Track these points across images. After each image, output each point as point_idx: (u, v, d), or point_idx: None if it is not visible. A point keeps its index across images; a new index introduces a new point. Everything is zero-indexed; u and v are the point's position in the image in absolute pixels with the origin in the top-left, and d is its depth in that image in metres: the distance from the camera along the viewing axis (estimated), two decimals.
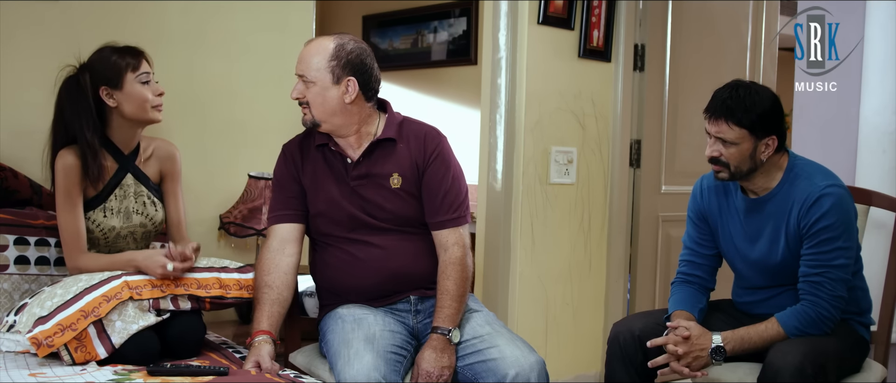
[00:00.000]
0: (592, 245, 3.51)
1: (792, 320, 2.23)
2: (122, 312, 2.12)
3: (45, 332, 2.03)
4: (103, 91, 2.32)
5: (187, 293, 2.23)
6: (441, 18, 5.22)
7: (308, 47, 2.26)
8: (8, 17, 2.59)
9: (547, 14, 3.26)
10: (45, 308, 2.09)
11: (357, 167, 2.30)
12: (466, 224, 2.34)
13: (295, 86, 2.26)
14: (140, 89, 2.32)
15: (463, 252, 2.28)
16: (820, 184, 2.23)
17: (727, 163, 2.26)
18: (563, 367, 3.43)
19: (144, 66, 2.34)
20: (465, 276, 2.26)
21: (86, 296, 2.10)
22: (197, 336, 2.28)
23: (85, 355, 2.07)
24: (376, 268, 2.28)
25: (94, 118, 2.31)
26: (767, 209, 2.31)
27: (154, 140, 2.49)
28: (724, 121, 2.22)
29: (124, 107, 2.33)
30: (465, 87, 5.00)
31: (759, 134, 2.22)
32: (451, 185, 2.31)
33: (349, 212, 2.29)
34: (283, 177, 2.37)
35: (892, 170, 2.73)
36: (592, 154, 3.48)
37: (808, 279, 2.23)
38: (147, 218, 2.42)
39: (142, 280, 2.18)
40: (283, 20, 3.16)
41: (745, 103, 2.20)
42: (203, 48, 2.97)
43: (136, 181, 2.41)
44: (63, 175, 2.29)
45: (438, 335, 2.19)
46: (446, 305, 2.21)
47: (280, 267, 2.28)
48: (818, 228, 2.21)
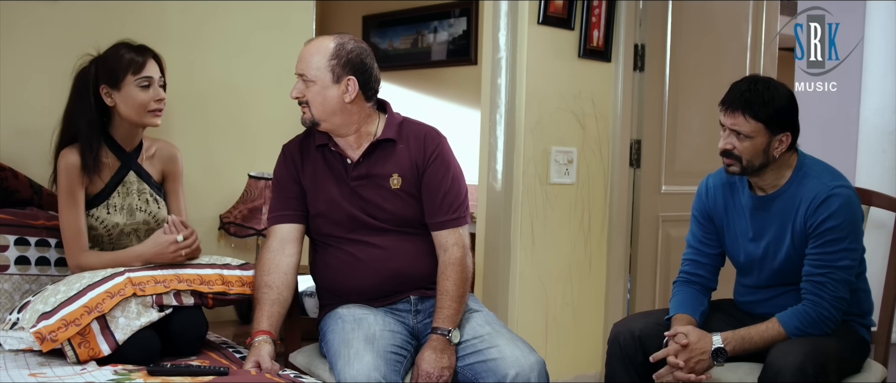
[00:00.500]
0: (592, 245, 3.51)
1: (793, 320, 2.23)
2: (125, 308, 2.13)
3: (48, 327, 2.03)
4: (103, 89, 2.33)
5: (190, 288, 2.24)
6: (441, 18, 5.22)
7: (308, 46, 2.26)
8: (8, 17, 2.59)
9: (547, 14, 3.26)
10: (49, 304, 2.10)
11: (357, 167, 2.30)
12: (466, 224, 2.34)
13: (295, 85, 2.26)
14: (137, 93, 2.32)
15: (462, 252, 2.28)
16: (829, 183, 2.23)
17: (739, 157, 2.26)
18: (563, 367, 3.43)
19: (149, 69, 2.34)
20: (464, 277, 2.26)
21: (89, 293, 2.10)
22: (199, 331, 2.29)
23: (88, 351, 2.08)
24: (376, 268, 2.28)
25: (93, 113, 2.32)
26: (774, 207, 2.31)
27: (156, 141, 2.50)
28: (741, 114, 2.22)
29: (120, 109, 2.34)
30: (465, 87, 5.00)
31: (775, 129, 2.22)
32: (450, 186, 2.31)
33: (349, 213, 2.29)
34: (282, 177, 2.37)
35: (892, 170, 2.73)
36: (592, 154, 3.48)
37: (812, 279, 2.23)
38: (150, 215, 2.42)
39: (145, 276, 2.19)
40: (283, 20, 3.16)
41: (763, 97, 2.20)
42: (203, 47, 2.97)
43: (138, 179, 2.41)
44: (65, 174, 2.30)
45: (438, 335, 2.19)
46: (446, 306, 2.21)
47: (280, 267, 2.28)
48: (825, 228, 2.20)
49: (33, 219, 2.47)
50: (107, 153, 2.37)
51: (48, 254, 2.45)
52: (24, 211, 2.49)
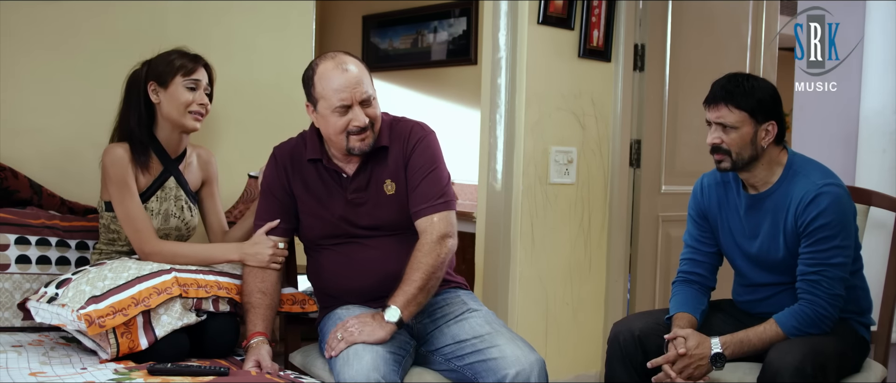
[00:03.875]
0: (592, 245, 3.51)
1: (790, 320, 2.23)
2: (169, 307, 2.16)
3: (98, 312, 2.05)
4: (151, 85, 2.38)
5: (228, 296, 2.27)
6: (441, 18, 5.22)
7: (350, 71, 2.19)
8: (8, 17, 2.59)
9: (547, 14, 3.26)
10: (98, 288, 2.11)
11: (354, 180, 2.30)
12: (448, 211, 2.27)
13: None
14: (183, 92, 2.37)
15: (433, 238, 2.21)
16: (818, 181, 2.23)
17: (729, 151, 2.27)
18: (563, 367, 3.43)
19: (198, 74, 2.39)
20: (430, 262, 2.18)
21: (137, 285, 2.13)
22: (232, 339, 2.31)
23: (129, 343, 2.11)
24: (371, 269, 2.28)
25: (141, 111, 2.38)
26: (766, 205, 2.32)
27: (197, 148, 2.56)
28: (724, 105, 2.24)
29: (164, 107, 2.38)
30: (465, 87, 4.99)
31: (759, 118, 2.24)
32: (429, 174, 2.27)
33: (345, 223, 2.29)
34: (272, 184, 2.37)
35: (892, 170, 2.73)
36: (592, 154, 3.48)
37: (806, 278, 2.24)
38: (183, 222, 2.46)
39: (190, 278, 2.22)
40: (283, 20, 3.16)
41: (744, 87, 2.24)
42: (203, 48, 2.95)
43: (177, 185, 2.45)
44: (114, 167, 2.33)
45: (378, 313, 2.14)
46: (399, 286, 2.16)
47: (270, 276, 2.32)
48: (815, 227, 2.21)
49: (34, 219, 2.47)
50: (151, 155, 2.39)
51: (49, 253, 2.45)
52: (25, 210, 2.50)
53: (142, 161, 2.36)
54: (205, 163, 2.57)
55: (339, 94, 2.18)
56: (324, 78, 2.20)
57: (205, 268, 2.31)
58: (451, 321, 2.25)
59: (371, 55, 5.59)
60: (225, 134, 3.04)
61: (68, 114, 2.72)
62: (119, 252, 2.43)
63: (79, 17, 2.70)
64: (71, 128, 2.73)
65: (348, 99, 2.18)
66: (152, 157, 2.40)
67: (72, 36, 2.64)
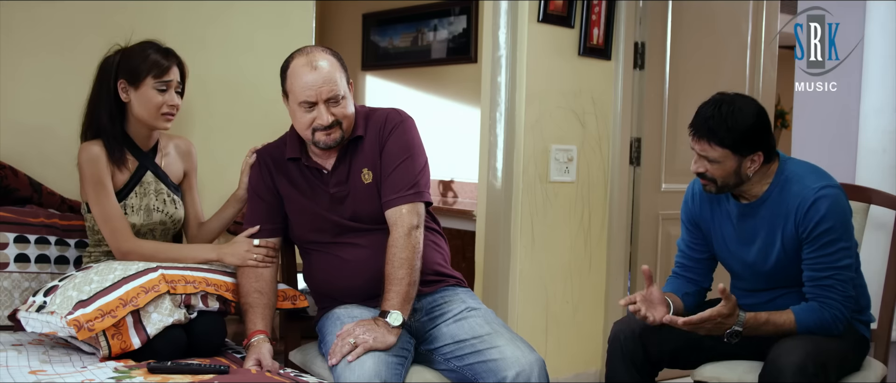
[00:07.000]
0: (592, 243, 3.51)
1: (807, 321, 2.20)
2: (158, 305, 2.15)
3: (86, 316, 2.04)
4: (121, 84, 2.35)
5: (217, 293, 2.26)
6: (441, 16, 5.21)
7: (321, 69, 2.19)
8: (8, 16, 2.59)
9: (547, 12, 3.26)
10: (84, 292, 2.11)
11: (334, 175, 2.30)
12: (419, 202, 2.25)
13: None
14: (153, 95, 2.34)
15: (403, 231, 2.20)
16: (813, 186, 2.22)
17: (714, 179, 2.26)
18: (563, 366, 3.43)
19: (170, 75, 2.36)
20: (406, 257, 2.17)
21: (124, 286, 2.12)
22: (221, 336, 2.31)
23: (121, 343, 2.10)
24: (364, 268, 2.27)
25: (112, 107, 2.35)
26: (761, 213, 2.30)
27: (172, 138, 2.53)
28: (707, 142, 2.21)
29: (133, 107, 2.35)
30: (465, 86, 4.99)
31: (744, 151, 2.21)
32: (402, 162, 2.26)
33: (332, 220, 2.29)
34: (259, 187, 2.37)
35: (892, 170, 2.73)
36: (592, 152, 3.48)
37: (819, 283, 2.22)
38: (167, 216, 2.43)
39: (178, 275, 2.21)
40: (283, 19, 3.15)
41: (727, 122, 2.17)
42: (203, 47, 2.97)
43: (156, 179, 2.43)
44: (90, 165, 2.31)
45: (380, 319, 2.12)
46: (387, 289, 2.16)
47: (264, 275, 2.31)
48: (819, 232, 2.20)
49: (33, 217, 2.47)
50: (126, 151, 2.38)
51: (48, 252, 2.45)
52: (24, 209, 2.49)
53: (117, 157, 2.34)
54: (185, 154, 2.54)
55: (304, 92, 2.19)
56: (294, 74, 2.22)
57: (192, 265, 2.30)
58: (450, 320, 2.25)
59: (371, 53, 5.58)
60: (224, 133, 3.04)
61: (68, 113, 2.71)
62: (106, 253, 2.41)
63: (78, 16, 2.69)
64: (71, 126, 2.71)
65: (313, 96, 2.18)
66: (127, 153, 2.38)
67: (72, 35, 2.63)
